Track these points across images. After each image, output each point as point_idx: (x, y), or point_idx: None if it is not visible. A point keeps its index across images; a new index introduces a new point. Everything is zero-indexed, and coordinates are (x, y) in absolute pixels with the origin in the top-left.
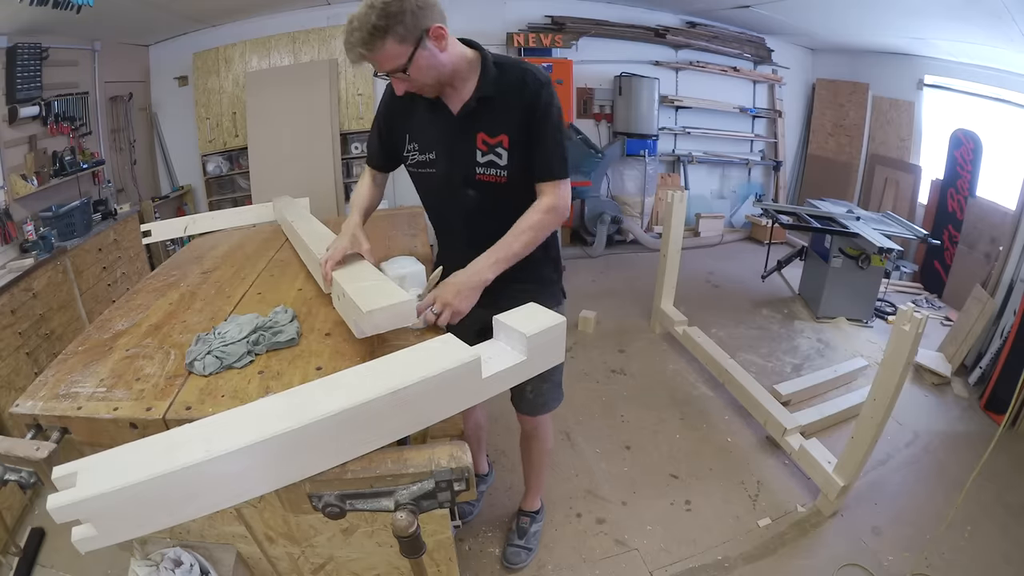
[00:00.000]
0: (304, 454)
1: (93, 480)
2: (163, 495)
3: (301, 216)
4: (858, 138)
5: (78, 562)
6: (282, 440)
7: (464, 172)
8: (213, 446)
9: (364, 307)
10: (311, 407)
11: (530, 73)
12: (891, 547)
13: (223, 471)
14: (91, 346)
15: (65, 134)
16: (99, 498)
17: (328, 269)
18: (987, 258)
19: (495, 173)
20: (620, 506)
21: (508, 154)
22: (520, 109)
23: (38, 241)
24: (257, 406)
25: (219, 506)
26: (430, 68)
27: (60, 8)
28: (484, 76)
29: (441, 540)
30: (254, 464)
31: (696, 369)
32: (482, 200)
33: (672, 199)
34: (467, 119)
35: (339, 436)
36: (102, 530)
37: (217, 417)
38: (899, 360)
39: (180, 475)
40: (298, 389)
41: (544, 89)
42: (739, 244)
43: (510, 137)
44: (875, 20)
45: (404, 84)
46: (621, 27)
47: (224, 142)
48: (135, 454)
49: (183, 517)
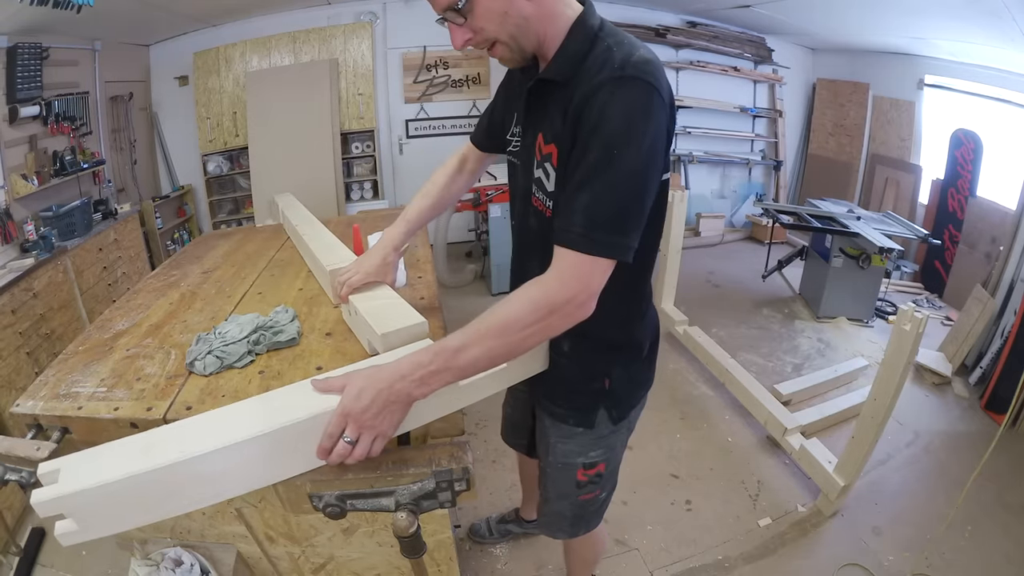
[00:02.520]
0: (278, 457)
1: (74, 477)
2: (139, 493)
3: (305, 219)
4: (859, 138)
5: (78, 562)
6: (256, 443)
7: (525, 183)
8: (187, 447)
9: (379, 329)
10: (284, 412)
11: (616, 56)
12: (891, 547)
13: (197, 471)
14: (91, 346)
15: (65, 134)
16: (78, 495)
17: (344, 295)
18: (988, 258)
19: (541, 199)
20: (620, 506)
21: (556, 175)
22: (571, 108)
23: (38, 241)
24: (236, 408)
25: (195, 505)
26: (503, 16)
27: (60, 8)
28: (564, 48)
29: (441, 540)
30: (228, 466)
31: (696, 369)
32: (533, 230)
33: (672, 199)
34: (531, 109)
35: (312, 441)
36: (83, 525)
37: (198, 418)
38: (900, 360)
39: (155, 475)
40: (275, 392)
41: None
42: (740, 244)
43: (559, 150)
44: (875, 20)
45: (463, 34)
46: (621, 27)
47: (224, 142)
48: (115, 452)
49: (160, 515)
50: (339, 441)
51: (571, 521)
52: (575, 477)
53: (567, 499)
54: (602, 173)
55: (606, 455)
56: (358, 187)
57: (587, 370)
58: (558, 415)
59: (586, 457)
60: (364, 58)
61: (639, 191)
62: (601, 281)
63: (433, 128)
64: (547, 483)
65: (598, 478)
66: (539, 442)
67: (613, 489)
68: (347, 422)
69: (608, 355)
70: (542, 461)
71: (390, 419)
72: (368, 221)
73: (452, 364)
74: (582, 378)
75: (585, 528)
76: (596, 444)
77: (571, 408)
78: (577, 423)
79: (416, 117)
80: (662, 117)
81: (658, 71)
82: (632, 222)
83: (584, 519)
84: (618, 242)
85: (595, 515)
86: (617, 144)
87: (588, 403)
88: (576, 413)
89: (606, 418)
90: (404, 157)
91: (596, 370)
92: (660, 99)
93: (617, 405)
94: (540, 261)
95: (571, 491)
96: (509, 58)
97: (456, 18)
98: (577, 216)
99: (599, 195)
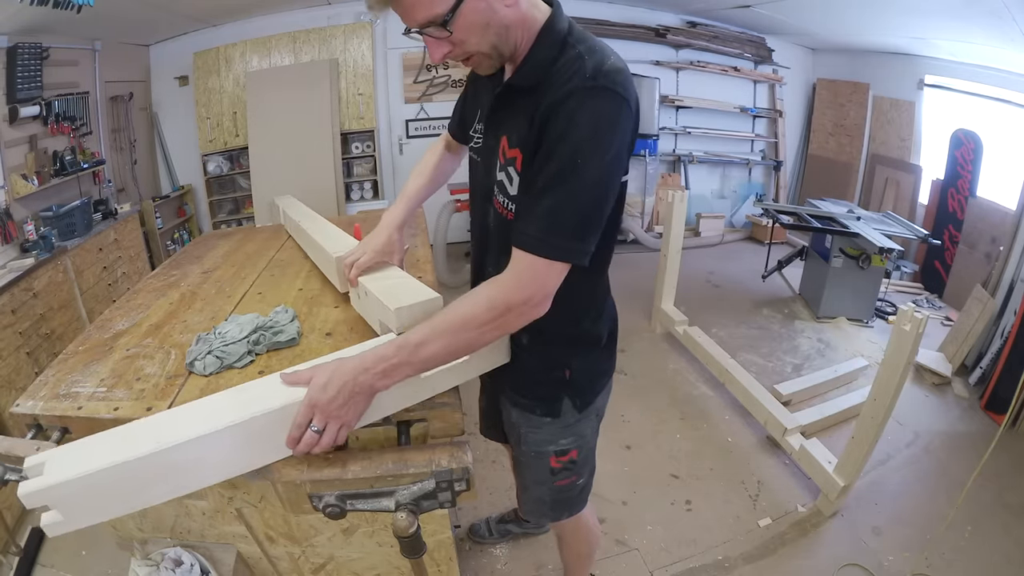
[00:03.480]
0: (249, 447)
1: (58, 469)
2: (118, 483)
3: (307, 215)
4: (859, 138)
5: (78, 562)
6: (228, 433)
7: (486, 182)
8: (163, 438)
9: (391, 304)
10: (256, 403)
11: (588, 64)
12: (891, 547)
13: (173, 461)
14: (91, 346)
15: (65, 134)
16: (61, 486)
17: (353, 276)
18: (987, 258)
19: (503, 201)
20: (620, 506)
21: (520, 180)
22: (538, 115)
23: (38, 241)
24: (211, 399)
25: (173, 494)
26: (485, 28)
27: (60, 8)
28: (533, 53)
29: (441, 540)
30: (202, 455)
31: (696, 369)
32: (492, 230)
33: (673, 199)
34: (496, 112)
35: (281, 431)
36: (67, 515)
37: (177, 409)
38: (899, 360)
39: (133, 465)
40: (249, 384)
41: (584, 95)
42: (740, 244)
43: (524, 155)
44: (875, 20)
45: (443, 48)
46: (622, 27)
47: (224, 142)
48: (97, 445)
49: (140, 504)
50: (307, 431)
51: (551, 506)
52: (548, 464)
53: (544, 485)
54: (565, 181)
55: (577, 442)
56: (358, 187)
57: (547, 362)
58: (524, 405)
59: (556, 445)
60: (364, 58)
61: (600, 200)
62: (556, 283)
63: (433, 128)
64: (522, 471)
65: (572, 464)
66: (509, 432)
67: (592, 474)
68: (314, 412)
69: (566, 348)
70: (514, 450)
71: (354, 409)
72: (368, 221)
73: (413, 359)
74: (543, 369)
75: (568, 512)
76: (565, 432)
77: (536, 398)
78: (544, 413)
79: (416, 117)
80: (628, 127)
81: (627, 81)
82: (590, 228)
83: (565, 504)
84: (575, 247)
85: (577, 500)
86: (582, 153)
87: (551, 393)
88: (541, 403)
89: (571, 407)
90: (404, 157)
91: (556, 362)
92: (628, 110)
93: (581, 394)
94: (497, 260)
95: (546, 478)
96: (488, 67)
97: (439, 32)
98: (537, 221)
99: (561, 202)
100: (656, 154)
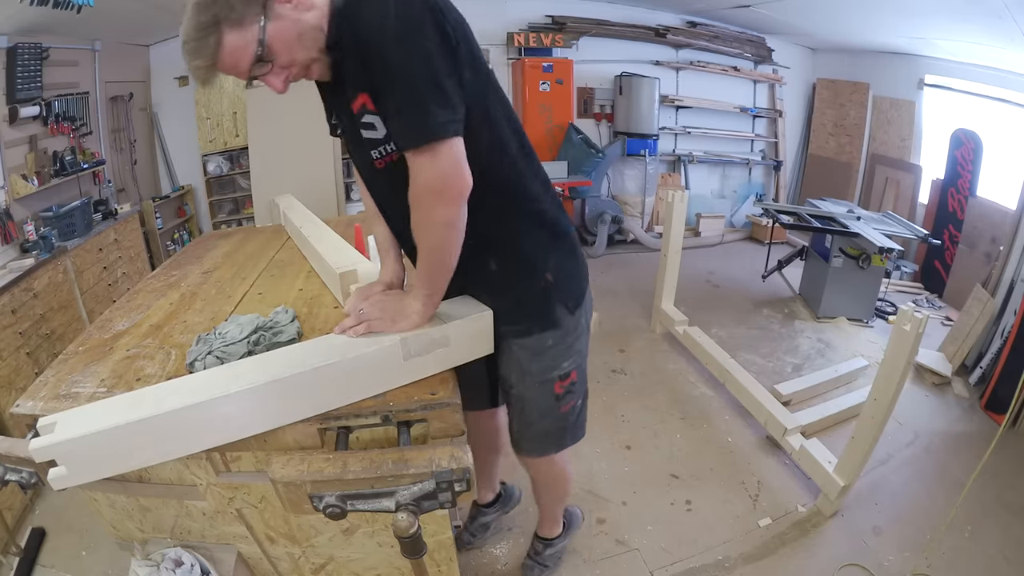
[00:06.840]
0: (237, 419)
1: (67, 428)
2: (119, 443)
3: (308, 219)
4: (859, 138)
5: (78, 562)
6: (214, 404)
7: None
8: (162, 404)
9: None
10: (244, 376)
11: None
12: (892, 547)
13: (168, 425)
14: (92, 346)
15: (65, 134)
16: (68, 442)
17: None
18: (988, 258)
19: (380, 151)
20: (620, 506)
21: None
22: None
23: (38, 241)
24: (208, 374)
25: (164, 458)
26: (300, 38)
27: (60, 8)
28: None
29: (441, 540)
30: (195, 420)
31: (696, 369)
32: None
33: (672, 199)
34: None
35: (267, 404)
36: (72, 470)
37: (175, 381)
38: (900, 360)
39: (134, 426)
40: (242, 361)
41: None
42: (739, 244)
43: (370, 91)
44: (876, 20)
45: (279, 77)
46: (622, 27)
47: (224, 142)
48: (105, 408)
49: (136, 464)
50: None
51: (557, 435)
52: (553, 391)
53: (550, 415)
54: (395, 78)
55: (576, 361)
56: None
57: (527, 273)
58: (524, 330)
59: (560, 369)
60: None
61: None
62: (452, 155)
63: None
64: (525, 408)
65: (573, 386)
66: (511, 375)
67: (585, 396)
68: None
69: (533, 253)
70: (515, 389)
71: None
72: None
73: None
74: (527, 285)
75: (572, 438)
76: (566, 353)
77: (533, 317)
78: (543, 327)
79: None
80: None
81: None
82: (443, 99)
83: (569, 430)
84: (440, 121)
85: (577, 425)
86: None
87: (543, 304)
88: (538, 319)
89: (565, 311)
90: None
91: (535, 268)
92: None
93: (569, 295)
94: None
95: (551, 406)
96: (325, 70)
97: (263, 69)
98: (399, 120)
99: (405, 97)
100: (656, 154)
